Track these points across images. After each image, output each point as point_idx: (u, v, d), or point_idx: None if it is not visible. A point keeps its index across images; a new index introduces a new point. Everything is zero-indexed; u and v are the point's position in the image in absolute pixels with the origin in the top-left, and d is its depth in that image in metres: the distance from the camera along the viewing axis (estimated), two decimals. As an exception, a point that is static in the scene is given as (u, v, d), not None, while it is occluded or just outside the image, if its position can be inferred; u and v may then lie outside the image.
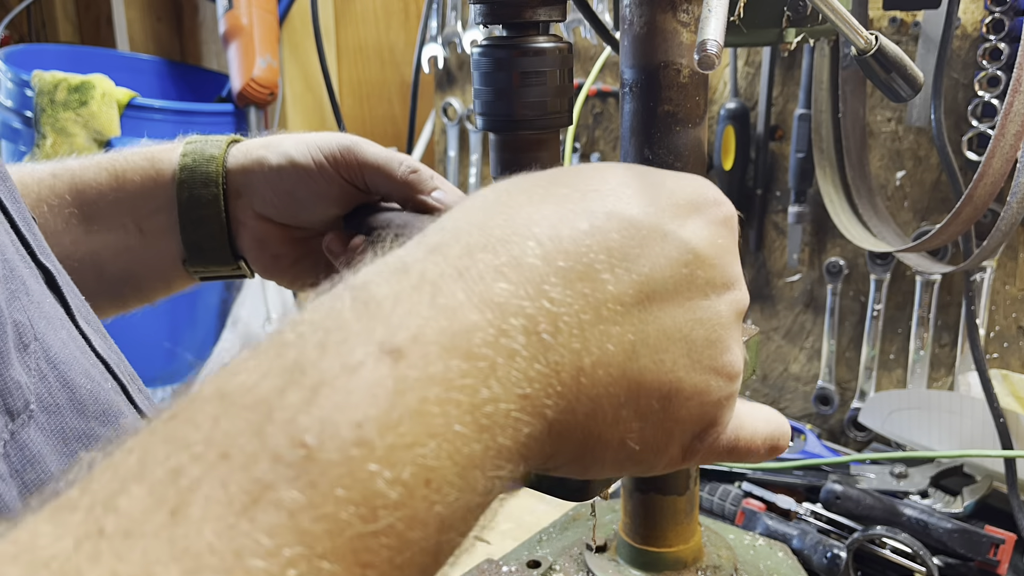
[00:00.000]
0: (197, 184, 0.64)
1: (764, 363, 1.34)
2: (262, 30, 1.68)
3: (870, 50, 0.64)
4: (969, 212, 0.85)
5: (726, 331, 0.36)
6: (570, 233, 0.32)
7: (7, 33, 2.21)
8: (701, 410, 0.35)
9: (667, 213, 0.35)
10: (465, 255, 0.30)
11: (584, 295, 0.31)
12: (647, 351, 0.33)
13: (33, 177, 0.65)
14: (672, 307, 0.34)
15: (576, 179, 0.36)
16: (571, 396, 0.31)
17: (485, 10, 0.55)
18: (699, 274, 0.35)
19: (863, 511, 0.98)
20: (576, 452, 0.33)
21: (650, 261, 0.33)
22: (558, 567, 0.83)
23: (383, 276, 0.30)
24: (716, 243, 0.36)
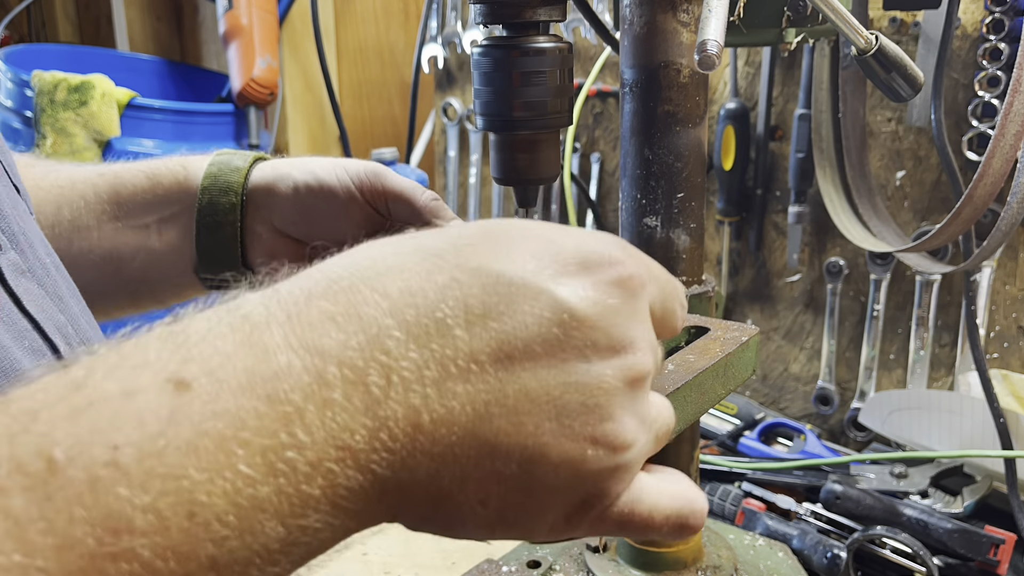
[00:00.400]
0: (218, 191, 0.66)
1: (764, 363, 1.34)
2: (262, 30, 1.68)
3: (870, 50, 0.64)
4: (969, 212, 0.85)
5: (609, 398, 0.33)
6: (423, 286, 0.31)
7: (7, 33, 2.21)
8: (576, 480, 0.33)
9: (546, 272, 0.33)
10: (302, 300, 0.30)
11: (431, 350, 0.30)
12: (504, 412, 0.31)
13: (81, 175, 0.68)
14: (540, 369, 0.32)
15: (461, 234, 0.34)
16: (405, 453, 0.30)
17: (485, 10, 0.55)
18: (576, 335, 0.32)
19: (863, 511, 0.98)
20: (426, 512, 0.32)
21: (515, 320, 0.32)
22: (558, 567, 0.83)
23: (209, 312, 0.29)
24: (603, 303, 0.33)
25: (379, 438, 0.29)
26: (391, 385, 0.29)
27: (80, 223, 0.66)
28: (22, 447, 0.24)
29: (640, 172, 0.71)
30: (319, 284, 0.31)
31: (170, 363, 0.27)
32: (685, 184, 0.71)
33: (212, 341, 0.28)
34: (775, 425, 1.24)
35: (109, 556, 0.24)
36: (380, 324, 0.30)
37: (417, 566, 1.02)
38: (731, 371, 0.58)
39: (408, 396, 0.30)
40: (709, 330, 0.62)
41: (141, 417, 0.25)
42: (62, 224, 0.66)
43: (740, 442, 1.21)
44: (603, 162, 1.46)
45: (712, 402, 0.56)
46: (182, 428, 0.26)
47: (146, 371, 0.26)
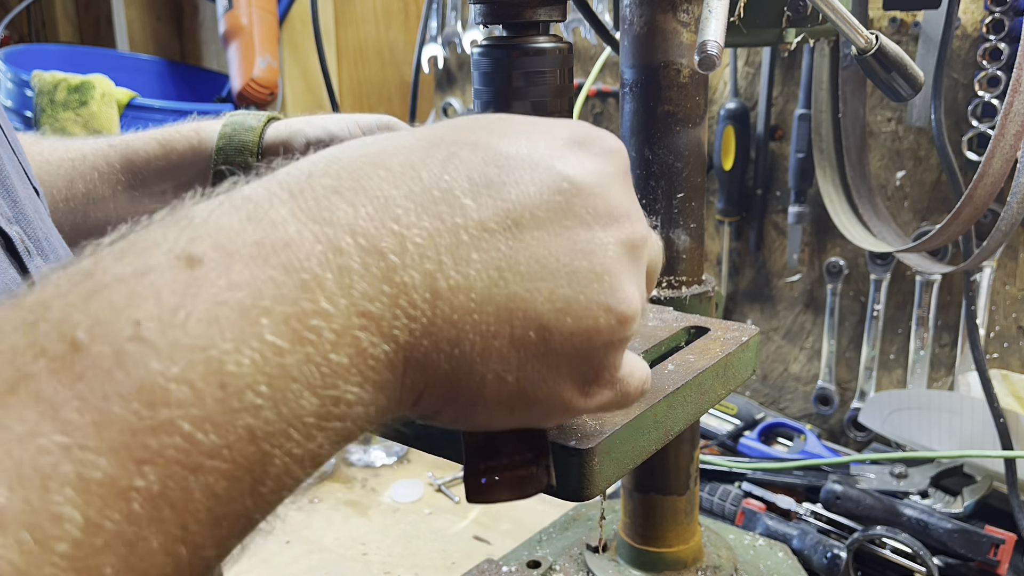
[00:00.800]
0: (233, 152, 0.65)
1: (764, 363, 1.34)
2: (262, 30, 1.68)
3: (871, 49, 0.64)
4: (969, 212, 0.85)
5: (616, 265, 0.34)
6: (426, 160, 0.31)
7: (7, 33, 2.21)
8: (589, 348, 0.33)
9: (541, 146, 0.34)
10: (303, 180, 0.29)
11: (441, 218, 0.30)
12: (518, 279, 0.31)
13: (92, 147, 0.67)
14: (547, 235, 0.32)
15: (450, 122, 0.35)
16: (426, 320, 0.30)
17: (485, 10, 0.55)
18: (577, 202, 0.33)
19: (863, 511, 0.98)
20: (448, 388, 0.32)
21: (519, 188, 0.32)
22: (558, 567, 0.83)
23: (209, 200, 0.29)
24: (597, 172, 0.34)
25: (399, 304, 0.29)
26: (406, 252, 0.29)
27: (95, 195, 0.65)
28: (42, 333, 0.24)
29: (640, 172, 0.71)
30: (318, 165, 0.30)
31: (178, 242, 0.26)
32: (685, 184, 0.71)
33: (217, 220, 0.27)
34: (775, 425, 1.24)
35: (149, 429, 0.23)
36: (387, 195, 0.30)
37: (417, 566, 1.02)
38: (731, 371, 0.58)
39: (423, 263, 0.29)
40: (709, 330, 0.62)
41: (157, 293, 0.25)
42: (76, 198, 0.65)
43: (740, 442, 1.21)
44: (603, 162, 1.46)
45: (712, 402, 0.56)
46: (200, 300, 0.25)
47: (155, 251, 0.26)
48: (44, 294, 0.25)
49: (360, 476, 1.24)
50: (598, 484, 0.45)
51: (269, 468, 0.26)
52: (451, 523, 1.11)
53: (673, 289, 0.73)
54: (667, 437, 0.51)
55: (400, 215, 0.30)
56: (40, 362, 0.23)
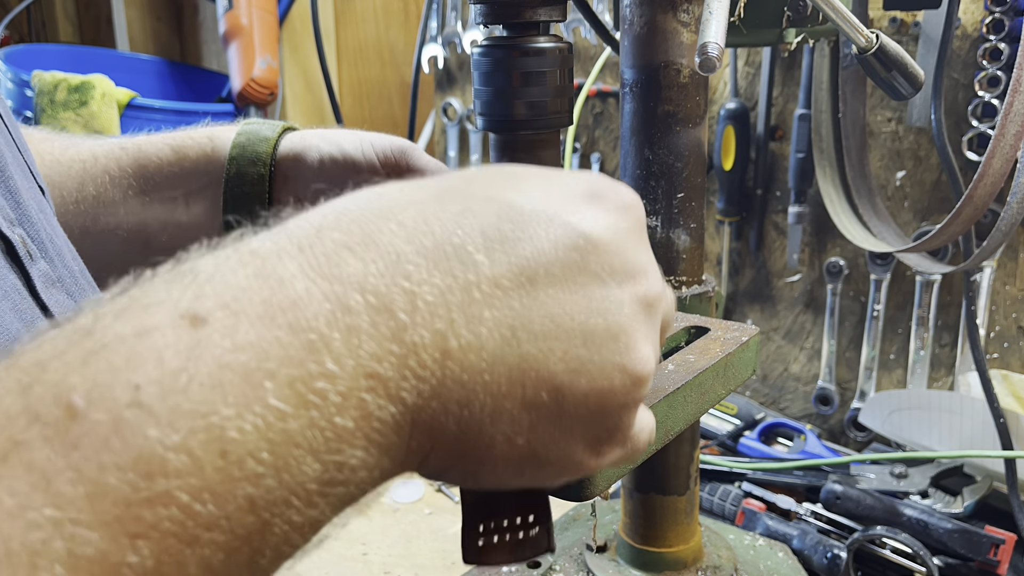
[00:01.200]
0: (246, 162, 0.64)
1: (764, 363, 1.34)
2: (262, 30, 1.68)
3: (871, 48, 0.64)
4: (969, 212, 0.85)
5: (632, 323, 0.33)
6: (439, 214, 0.31)
7: (7, 33, 2.21)
8: (603, 409, 0.33)
9: (556, 200, 0.33)
10: (312, 234, 0.29)
11: (453, 275, 0.29)
12: (531, 338, 0.31)
13: (103, 149, 0.66)
14: (561, 293, 0.31)
15: (464, 174, 0.34)
16: (435, 381, 0.29)
17: (485, 10, 0.55)
18: (592, 260, 0.32)
19: (863, 511, 0.98)
20: (456, 449, 0.31)
21: (533, 244, 0.31)
22: (558, 567, 0.83)
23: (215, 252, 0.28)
24: (615, 228, 0.34)
25: (408, 365, 0.28)
26: (416, 310, 0.28)
27: (105, 198, 0.64)
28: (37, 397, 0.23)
29: (640, 172, 0.71)
30: (328, 217, 0.30)
31: (182, 300, 0.25)
32: (685, 184, 0.71)
33: (223, 276, 0.26)
34: (775, 425, 1.24)
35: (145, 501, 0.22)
36: (399, 250, 0.29)
37: (417, 566, 1.02)
38: (731, 371, 0.58)
39: (434, 321, 0.29)
40: (709, 330, 0.62)
41: (159, 354, 0.24)
42: (86, 200, 0.64)
43: (740, 442, 1.21)
44: (603, 162, 1.46)
45: (712, 402, 0.56)
46: (203, 363, 0.24)
47: (158, 310, 0.25)
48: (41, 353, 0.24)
49: (360, 476, 1.24)
50: (598, 484, 0.45)
51: (268, 538, 0.25)
52: (451, 523, 1.11)
53: (673, 289, 0.73)
54: (667, 437, 0.51)
55: (411, 272, 0.29)
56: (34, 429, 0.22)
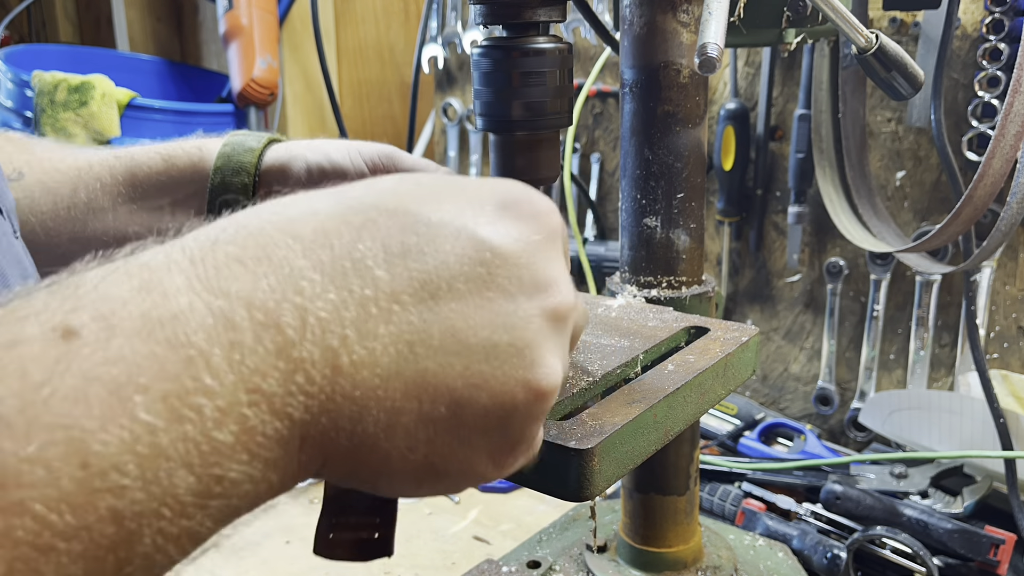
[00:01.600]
0: (230, 171, 0.64)
1: (764, 363, 1.34)
2: (262, 30, 1.68)
3: (871, 48, 0.64)
4: (969, 212, 0.85)
5: (538, 337, 0.33)
6: (339, 228, 0.30)
7: (7, 33, 2.22)
8: (506, 424, 0.32)
9: (466, 212, 0.33)
10: (207, 246, 0.28)
11: (349, 290, 0.29)
12: (430, 353, 0.30)
13: (99, 157, 0.67)
14: (465, 307, 0.31)
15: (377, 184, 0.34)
16: (324, 397, 0.28)
17: (485, 10, 0.55)
18: (500, 273, 0.32)
19: (863, 511, 0.98)
20: (350, 463, 0.30)
21: (437, 258, 0.31)
22: (558, 567, 0.83)
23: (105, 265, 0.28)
24: (524, 240, 0.33)
25: (295, 381, 0.28)
26: (307, 327, 0.28)
27: (96, 205, 0.65)
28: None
29: (640, 172, 0.71)
30: (226, 231, 0.29)
31: (57, 312, 0.25)
32: (685, 184, 0.71)
33: (105, 288, 0.26)
34: (775, 425, 1.24)
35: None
36: (293, 265, 0.29)
37: (417, 566, 1.02)
38: (731, 371, 0.58)
39: (325, 337, 0.28)
40: (709, 330, 0.62)
41: (23, 367, 0.24)
42: (78, 206, 0.65)
43: (740, 442, 1.21)
44: (603, 162, 1.46)
45: (712, 402, 0.56)
46: (69, 375, 0.24)
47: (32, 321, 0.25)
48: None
49: (360, 476, 1.24)
50: (598, 484, 0.45)
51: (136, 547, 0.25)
52: (451, 523, 1.11)
53: (673, 289, 0.73)
54: (667, 437, 0.51)
55: (305, 287, 0.28)
56: None
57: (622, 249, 0.75)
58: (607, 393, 0.52)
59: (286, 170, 0.65)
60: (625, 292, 0.73)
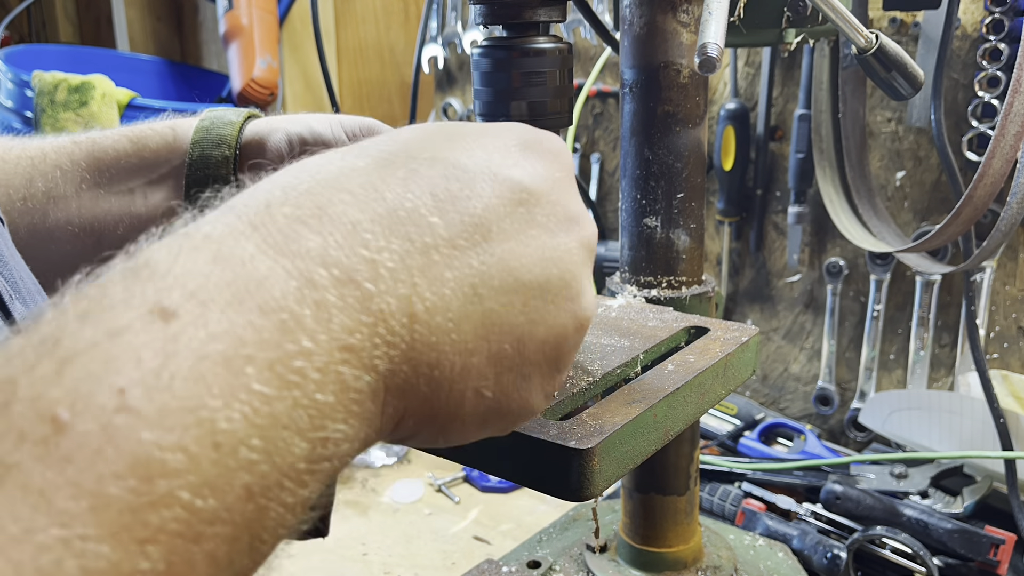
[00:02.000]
0: (210, 144, 0.62)
1: (764, 363, 1.34)
2: (262, 30, 1.68)
3: (871, 48, 0.64)
4: (969, 212, 0.85)
5: (580, 268, 0.35)
6: (387, 179, 0.31)
7: (7, 33, 2.22)
8: (558, 354, 0.34)
9: (495, 155, 0.34)
10: (263, 211, 0.28)
11: (410, 239, 0.30)
12: (492, 293, 0.31)
13: (53, 145, 0.64)
14: (516, 246, 0.33)
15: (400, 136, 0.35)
16: (405, 346, 0.29)
17: (485, 10, 0.55)
18: (538, 211, 0.34)
19: (863, 511, 0.98)
20: (428, 410, 0.31)
21: (482, 201, 0.32)
22: (558, 567, 0.83)
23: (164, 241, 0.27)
24: (551, 178, 0.35)
25: (378, 333, 0.28)
26: (380, 278, 0.28)
27: (56, 193, 0.62)
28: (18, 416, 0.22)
29: (640, 172, 0.71)
30: (274, 193, 0.29)
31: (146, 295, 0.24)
32: (685, 184, 0.71)
33: (182, 265, 0.26)
34: (775, 425, 1.24)
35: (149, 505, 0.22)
36: (353, 219, 0.29)
37: (417, 566, 1.02)
38: (731, 371, 0.58)
39: (398, 287, 0.29)
40: (709, 330, 0.62)
41: (137, 354, 0.23)
42: (35, 197, 0.61)
43: (740, 442, 1.21)
44: (603, 162, 1.46)
45: (712, 402, 0.56)
46: (182, 357, 0.24)
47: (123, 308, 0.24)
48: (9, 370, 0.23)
49: (360, 476, 1.24)
50: (598, 484, 0.45)
51: (266, 522, 0.25)
52: (451, 523, 1.11)
53: (673, 289, 0.73)
54: (667, 437, 0.51)
55: (369, 240, 0.29)
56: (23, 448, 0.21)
57: (622, 249, 0.75)
58: (607, 393, 0.52)
59: (265, 142, 0.62)
60: (625, 292, 0.73)
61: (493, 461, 0.48)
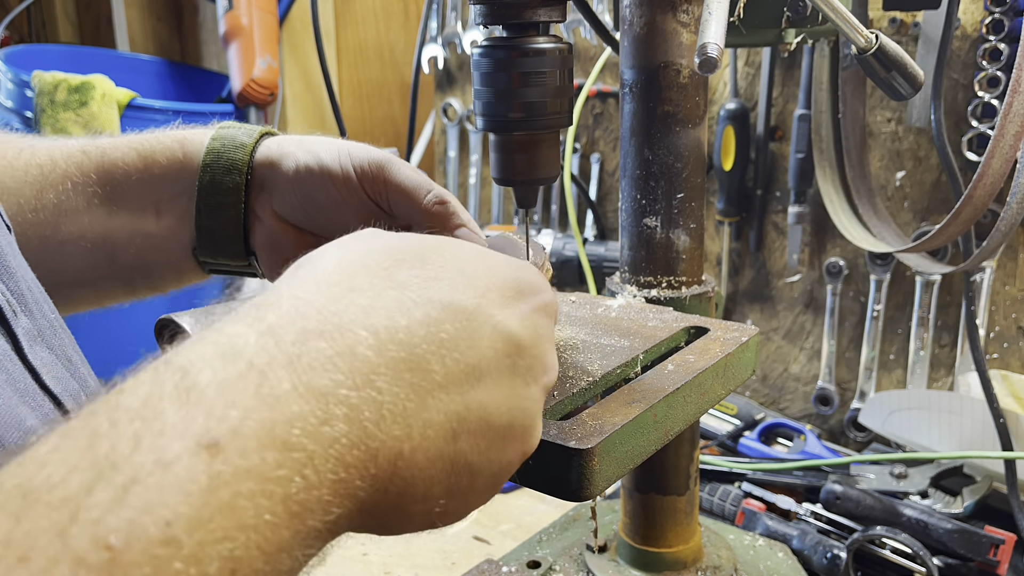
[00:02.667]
0: (220, 170, 0.61)
1: (764, 363, 1.34)
2: (262, 31, 1.68)
3: (871, 49, 0.64)
4: (969, 212, 0.85)
5: (537, 411, 0.39)
6: (406, 324, 0.35)
7: (7, 33, 2.22)
8: (500, 481, 0.39)
9: (496, 302, 0.38)
10: (299, 341, 0.32)
11: (412, 384, 0.34)
12: (467, 436, 0.36)
13: (63, 152, 0.63)
14: (495, 395, 0.37)
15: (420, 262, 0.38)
16: (385, 478, 0.33)
17: (485, 11, 0.55)
18: (520, 364, 0.38)
19: (863, 511, 0.98)
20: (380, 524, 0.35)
21: (478, 352, 0.36)
22: (558, 567, 0.83)
23: (208, 360, 0.30)
24: (536, 332, 0.39)
25: (367, 468, 0.32)
26: (382, 419, 0.32)
27: (67, 206, 0.61)
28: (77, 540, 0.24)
29: (640, 172, 0.71)
30: (309, 319, 0.33)
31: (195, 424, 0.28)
32: (685, 184, 0.71)
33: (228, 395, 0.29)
34: (775, 425, 1.24)
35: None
36: (371, 363, 0.33)
37: (417, 566, 1.02)
38: (731, 371, 0.58)
39: (393, 427, 0.33)
40: (709, 330, 0.62)
41: (184, 488, 0.26)
42: (46, 209, 0.61)
43: (740, 442, 1.21)
44: (603, 162, 1.46)
45: (712, 402, 0.56)
46: (220, 493, 0.27)
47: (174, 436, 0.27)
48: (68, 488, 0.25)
49: (360, 476, 1.24)
50: (598, 484, 0.45)
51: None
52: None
53: (673, 289, 0.73)
54: (667, 437, 0.51)
55: (381, 387, 0.33)
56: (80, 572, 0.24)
57: (622, 249, 0.75)
58: (607, 393, 0.52)
59: (276, 167, 0.62)
60: (625, 292, 0.73)
61: (493, 461, 0.48)
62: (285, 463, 0.29)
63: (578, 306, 0.68)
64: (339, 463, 0.31)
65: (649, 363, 0.57)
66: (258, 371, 0.30)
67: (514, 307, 0.39)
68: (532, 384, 0.39)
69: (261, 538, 0.28)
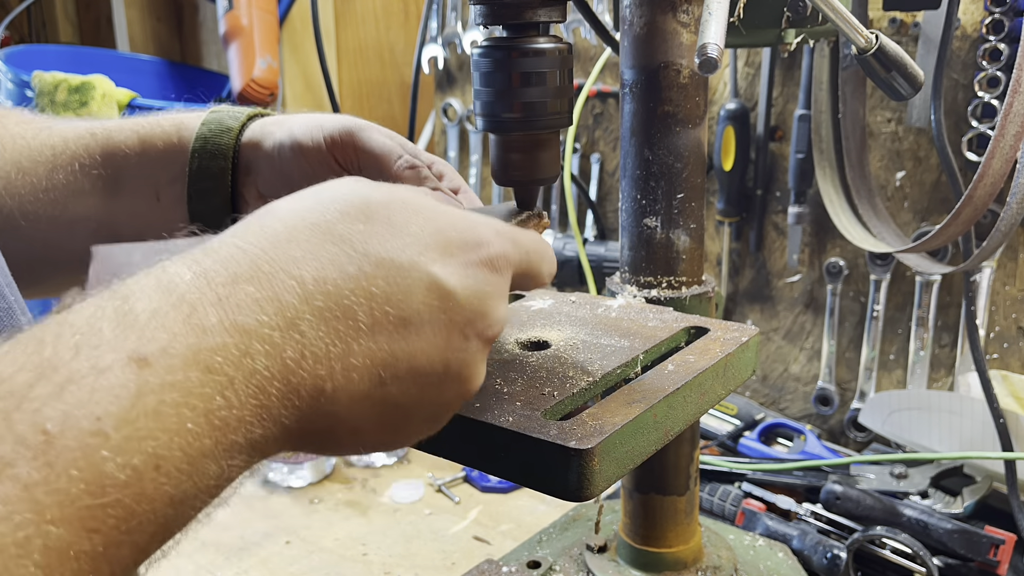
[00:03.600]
0: (208, 156, 0.62)
1: (764, 363, 1.34)
2: (262, 31, 1.68)
3: (871, 49, 0.64)
4: (969, 213, 0.85)
5: (477, 366, 0.41)
6: (335, 276, 0.37)
7: (7, 34, 2.22)
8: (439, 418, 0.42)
9: (435, 258, 0.40)
10: (228, 283, 0.35)
11: (338, 332, 0.36)
12: (395, 381, 0.38)
13: (75, 134, 0.64)
14: (426, 345, 0.39)
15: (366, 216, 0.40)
16: (309, 411, 0.36)
17: (485, 11, 0.55)
18: (457, 318, 0.39)
19: (863, 511, 0.98)
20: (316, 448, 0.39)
21: (411, 307, 0.38)
22: (558, 567, 0.83)
23: (147, 291, 0.34)
24: (476, 287, 0.40)
25: (288, 398, 0.35)
26: (304, 359, 0.35)
27: (75, 187, 0.63)
28: (19, 425, 0.29)
29: (640, 172, 0.71)
30: (242, 265, 0.36)
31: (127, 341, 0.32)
32: (685, 184, 0.71)
33: (160, 320, 0.33)
34: (775, 425, 1.24)
35: (100, 506, 0.29)
36: (297, 309, 0.36)
37: (417, 566, 1.02)
38: (731, 371, 0.58)
39: (316, 368, 0.36)
40: (709, 330, 0.62)
41: (115, 392, 0.30)
42: (56, 188, 0.62)
43: (740, 442, 1.21)
44: (603, 162, 1.46)
45: (712, 402, 0.56)
46: (147, 399, 0.31)
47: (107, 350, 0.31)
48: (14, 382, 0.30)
49: (360, 476, 1.24)
50: (598, 484, 0.45)
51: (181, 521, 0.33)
52: (451, 523, 1.11)
53: (673, 289, 0.73)
54: (667, 437, 0.51)
55: (305, 330, 0.36)
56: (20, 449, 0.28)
57: (622, 249, 0.75)
58: (607, 393, 0.52)
59: (259, 148, 0.63)
60: (625, 292, 0.73)
61: (493, 461, 0.48)
62: (208, 383, 0.33)
63: (578, 306, 0.68)
64: (260, 391, 0.34)
65: (649, 363, 0.57)
66: (189, 304, 0.34)
67: (454, 261, 0.40)
68: (472, 337, 0.40)
69: (184, 442, 0.32)
